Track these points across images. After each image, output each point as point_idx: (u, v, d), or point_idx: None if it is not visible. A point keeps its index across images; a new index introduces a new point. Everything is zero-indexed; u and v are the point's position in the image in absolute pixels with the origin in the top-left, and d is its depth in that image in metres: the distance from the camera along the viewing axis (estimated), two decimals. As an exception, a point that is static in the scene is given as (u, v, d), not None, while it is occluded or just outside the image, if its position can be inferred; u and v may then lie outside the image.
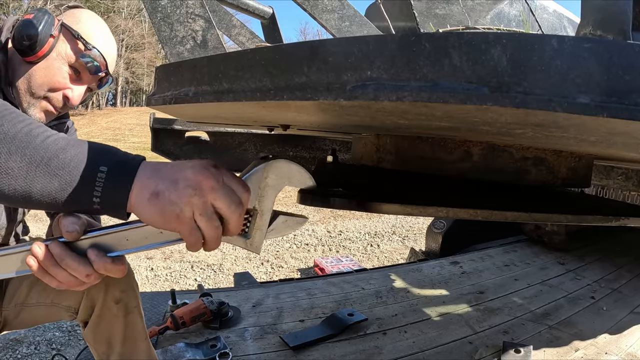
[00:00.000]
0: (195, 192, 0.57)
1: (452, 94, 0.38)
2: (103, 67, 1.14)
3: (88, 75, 1.14)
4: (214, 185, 0.58)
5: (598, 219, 0.74)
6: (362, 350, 1.81)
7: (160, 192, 0.57)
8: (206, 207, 0.58)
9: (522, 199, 0.78)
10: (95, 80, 1.17)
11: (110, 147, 0.62)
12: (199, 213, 0.57)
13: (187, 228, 0.58)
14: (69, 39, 1.10)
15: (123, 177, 0.58)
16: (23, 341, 2.65)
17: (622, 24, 0.90)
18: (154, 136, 2.44)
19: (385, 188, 0.82)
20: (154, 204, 0.57)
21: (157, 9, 1.07)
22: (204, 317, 1.92)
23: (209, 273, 4.13)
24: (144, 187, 0.58)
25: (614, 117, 0.35)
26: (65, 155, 0.58)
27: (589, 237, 3.41)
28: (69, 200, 0.58)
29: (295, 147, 2.58)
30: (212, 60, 0.60)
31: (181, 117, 1.53)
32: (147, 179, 0.58)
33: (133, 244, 0.63)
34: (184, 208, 0.57)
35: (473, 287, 2.57)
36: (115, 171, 0.58)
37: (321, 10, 1.62)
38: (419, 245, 3.99)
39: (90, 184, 0.57)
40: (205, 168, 0.59)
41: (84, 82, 1.15)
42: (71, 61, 1.10)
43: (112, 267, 0.62)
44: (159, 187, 0.57)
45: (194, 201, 0.57)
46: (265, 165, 0.63)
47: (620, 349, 1.88)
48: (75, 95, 1.13)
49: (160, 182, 0.58)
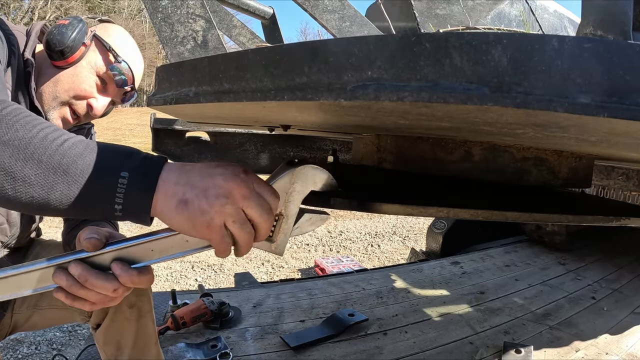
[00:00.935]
0: (227, 200, 0.56)
1: (453, 94, 0.38)
2: (130, 81, 1.16)
3: (114, 88, 1.15)
4: (245, 193, 0.57)
5: (599, 219, 0.74)
6: (363, 351, 1.81)
7: (190, 201, 0.56)
8: (239, 215, 0.57)
9: (523, 199, 0.78)
10: (121, 93, 1.19)
11: (132, 149, 0.60)
12: (231, 221, 0.57)
13: (218, 236, 0.57)
14: (100, 49, 1.13)
15: (145, 183, 0.56)
16: (24, 341, 2.66)
17: (622, 24, 0.90)
18: (154, 136, 2.44)
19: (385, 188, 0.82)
20: (181, 212, 0.56)
21: (157, 10, 1.07)
22: (204, 317, 1.92)
23: (210, 273, 4.14)
24: (171, 194, 0.56)
25: (615, 117, 0.35)
26: (84, 161, 0.56)
27: (589, 238, 3.41)
28: (89, 208, 0.57)
29: (296, 147, 2.58)
30: (213, 61, 0.60)
31: (182, 117, 1.53)
32: (174, 185, 0.57)
33: (158, 253, 0.61)
34: (215, 217, 0.56)
35: (474, 288, 2.57)
36: (137, 177, 0.56)
37: (322, 11, 1.62)
38: (419, 246, 3.99)
39: (111, 191, 0.55)
40: (236, 175, 0.58)
41: (109, 94, 1.16)
42: (100, 71, 1.12)
43: (139, 279, 0.60)
44: (187, 195, 0.56)
45: (226, 210, 0.56)
46: (293, 171, 0.63)
47: (621, 349, 1.88)
48: (99, 106, 1.14)
49: (188, 189, 0.56)
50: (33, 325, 1.23)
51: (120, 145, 0.61)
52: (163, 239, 0.60)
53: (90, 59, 1.11)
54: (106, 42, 1.13)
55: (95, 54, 1.12)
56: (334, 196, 0.66)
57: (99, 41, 1.13)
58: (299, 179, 0.63)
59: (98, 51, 1.13)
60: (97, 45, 1.13)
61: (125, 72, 1.14)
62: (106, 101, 1.16)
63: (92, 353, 1.69)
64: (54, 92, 1.08)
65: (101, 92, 1.15)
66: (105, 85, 1.15)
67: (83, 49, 1.09)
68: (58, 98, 1.09)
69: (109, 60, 1.13)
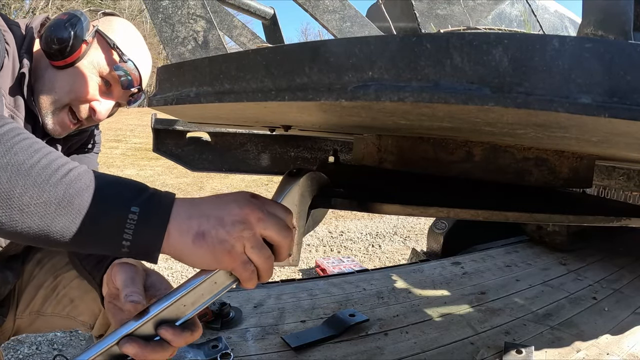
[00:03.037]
0: (245, 226, 0.55)
1: (454, 94, 0.38)
2: (136, 83, 1.05)
3: (119, 90, 1.05)
4: (260, 216, 0.56)
5: (599, 220, 0.74)
6: (364, 351, 1.81)
7: (207, 232, 0.55)
8: (257, 239, 0.56)
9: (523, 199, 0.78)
10: (127, 95, 1.08)
11: (140, 183, 0.58)
12: (250, 246, 0.56)
13: (240, 263, 0.56)
14: (104, 47, 1.02)
15: (157, 220, 0.54)
16: (24, 341, 2.66)
17: (623, 24, 0.90)
18: (155, 137, 2.44)
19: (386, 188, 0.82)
20: (201, 245, 0.55)
21: (158, 10, 1.07)
22: (205, 317, 1.92)
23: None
24: (186, 229, 0.55)
25: (616, 117, 0.35)
26: (90, 193, 0.53)
27: (590, 238, 3.40)
28: (92, 243, 0.54)
29: (296, 148, 2.58)
30: (214, 61, 0.60)
31: (183, 117, 1.53)
32: (187, 220, 0.55)
33: (191, 306, 0.60)
34: (236, 244, 0.55)
35: (474, 288, 2.57)
36: (147, 213, 0.54)
37: (322, 11, 1.62)
38: (420, 246, 3.99)
39: (119, 227, 0.53)
40: (248, 201, 0.58)
41: (113, 96, 1.06)
42: (103, 72, 1.02)
43: (191, 336, 0.60)
44: (203, 227, 0.55)
45: (244, 235, 0.55)
46: (297, 182, 0.63)
47: (622, 349, 1.88)
48: (103, 109, 1.04)
49: (203, 221, 0.55)
50: (36, 330, 1.20)
51: (128, 179, 0.59)
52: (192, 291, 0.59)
53: (93, 58, 1.00)
54: (110, 38, 1.01)
55: (98, 53, 1.01)
56: (335, 196, 0.67)
57: (102, 38, 1.01)
58: (305, 188, 0.63)
59: (101, 49, 1.01)
60: (100, 42, 1.01)
61: (132, 72, 1.03)
62: (110, 104, 1.06)
63: (93, 353, 1.69)
64: (52, 96, 0.98)
65: (105, 95, 1.04)
66: (109, 87, 1.04)
67: (84, 46, 0.98)
68: (57, 102, 0.99)
69: (113, 60, 1.02)
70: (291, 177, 0.64)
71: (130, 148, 14.08)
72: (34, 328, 1.19)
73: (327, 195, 0.67)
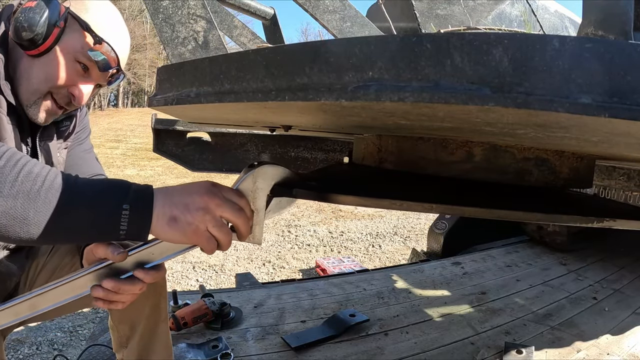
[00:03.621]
0: (205, 210, 0.70)
1: (454, 94, 0.38)
2: (114, 63, 1.02)
3: (97, 72, 1.01)
4: (218, 202, 0.71)
5: (575, 219, 0.71)
6: (364, 351, 1.81)
7: (177, 217, 0.70)
8: (216, 220, 0.71)
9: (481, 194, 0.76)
10: (105, 77, 1.05)
11: (122, 182, 0.72)
12: (212, 226, 0.71)
13: (205, 239, 0.71)
14: (76, 30, 0.97)
15: (145, 212, 0.69)
16: (25, 342, 2.66)
17: (623, 24, 0.90)
18: (155, 137, 2.44)
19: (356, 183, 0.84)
20: (174, 227, 0.70)
21: (159, 10, 1.07)
22: (205, 317, 1.92)
23: (211, 274, 4.14)
24: (162, 215, 0.70)
25: (616, 118, 0.35)
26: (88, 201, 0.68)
27: (591, 238, 3.40)
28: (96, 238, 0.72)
29: (297, 148, 2.58)
30: (214, 61, 0.60)
31: (183, 118, 1.53)
32: (163, 207, 0.70)
33: (158, 255, 0.77)
34: (199, 225, 0.70)
35: (475, 288, 2.57)
36: (136, 208, 0.68)
37: (322, 11, 1.62)
38: (420, 246, 3.99)
39: (116, 222, 0.67)
40: (209, 189, 0.72)
41: (92, 79, 1.03)
42: (79, 56, 0.98)
43: (158, 275, 0.77)
44: (174, 213, 0.70)
45: (206, 218, 0.70)
46: (252, 172, 0.74)
47: (623, 349, 1.88)
48: (82, 94, 1.01)
49: (174, 208, 0.70)
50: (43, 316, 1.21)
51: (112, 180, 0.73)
52: (158, 244, 0.75)
53: (67, 43, 0.96)
54: (82, 20, 0.96)
55: (72, 36, 0.96)
56: (296, 187, 0.75)
57: (74, 20, 0.96)
58: (259, 177, 0.74)
59: (74, 32, 0.97)
60: (72, 25, 0.97)
61: (108, 53, 0.99)
62: (90, 88, 1.03)
63: (93, 353, 1.70)
64: (30, 85, 0.96)
65: (83, 79, 1.01)
66: (87, 70, 1.00)
67: (56, 31, 0.93)
68: (36, 92, 0.96)
69: (86, 43, 0.97)
70: (249, 168, 0.75)
71: (130, 148, 14.08)
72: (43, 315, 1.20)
73: (290, 185, 0.75)
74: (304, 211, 6.85)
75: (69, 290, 0.77)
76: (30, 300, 0.78)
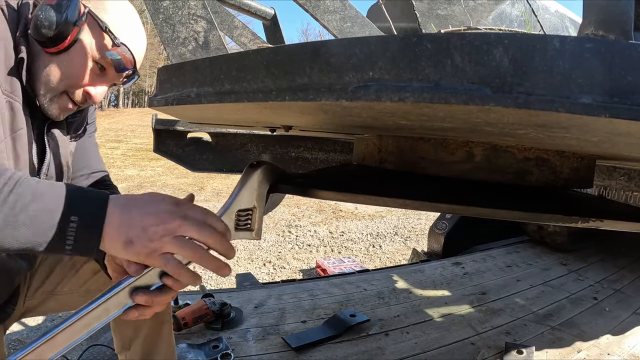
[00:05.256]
0: (164, 232, 0.65)
1: (454, 94, 0.38)
2: (130, 65, 1.03)
3: (113, 72, 1.03)
4: (179, 222, 0.66)
5: (557, 219, 0.70)
6: (364, 351, 1.81)
7: (134, 239, 0.65)
8: (177, 240, 0.66)
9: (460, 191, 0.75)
10: (121, 77, 1.06)
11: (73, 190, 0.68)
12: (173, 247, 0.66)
13: (162, 261, 0.66)
14: (96, 30, 0.97)
15: (92, 229, 0.65)
16: (25, 342, 2.66)
17: (623, 24, 0.90)
18: (156, 137, 2.44)
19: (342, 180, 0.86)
20: (130, 249, 0.65)
21: (159, 10, 1.07)
22: (206, 318, 1.93)
23: (211, 274, 4.14)
24: (116, 236, 0.66)
25: (616, 118, 0.35)
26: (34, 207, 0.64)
27: (591, 238, 3.40)
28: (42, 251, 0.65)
29: (297, 148, 2.58)
30: (214, 62, 0.60)
31: (183, 118, 1.53)
32: (118, 227, 0.66)
33: None
34: (157, 247, 0.66)
35: (475, 288, 2.57)
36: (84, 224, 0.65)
37: (323, 12, 1.62)
38: (421, 246, 3.99)
39: (61, 236, 0.64)
40: (169, 210, 0.67)
41: (108, 79, 1.04)
42: (96, 57, 0.99)
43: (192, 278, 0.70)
44: (130, 235, 0.65)
45: (164, 240, 0.65)
46: (258, 171, 0.75)
47: (623, 349, 1.88)
48: (97, 94, 1.03)
49: (130, 230, 0.65)
50: (46, 310, 1.21)
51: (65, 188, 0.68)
52: None
53: (85, 43, 0.96)
54: (102, 21, 0.97)
55: (90, 37, 0.97)
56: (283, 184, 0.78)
57: (93, 20, 0.97)
58: (261, 177, 0.76)
59: (93, 33, 0.97)
60: (92, 25, 0.97)
61: (125, 55, 1.00)
62: (105, 88, 1.04)
63: (94, 353, 1.70)
64: (48, 83, 0.96)
65: (99, 79, 1.02)
66: (103, 71, 1.02)
67: (76, 30, 0.94)
68: (53, 90, 0.97)
69: (104, 45, 0.98)
70: (252, 167, 0.76)
71: (131, 148, 14.08)
72: (43, 308, 1.20)
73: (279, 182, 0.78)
74: (305, 211, 6.85)
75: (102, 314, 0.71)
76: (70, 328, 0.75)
